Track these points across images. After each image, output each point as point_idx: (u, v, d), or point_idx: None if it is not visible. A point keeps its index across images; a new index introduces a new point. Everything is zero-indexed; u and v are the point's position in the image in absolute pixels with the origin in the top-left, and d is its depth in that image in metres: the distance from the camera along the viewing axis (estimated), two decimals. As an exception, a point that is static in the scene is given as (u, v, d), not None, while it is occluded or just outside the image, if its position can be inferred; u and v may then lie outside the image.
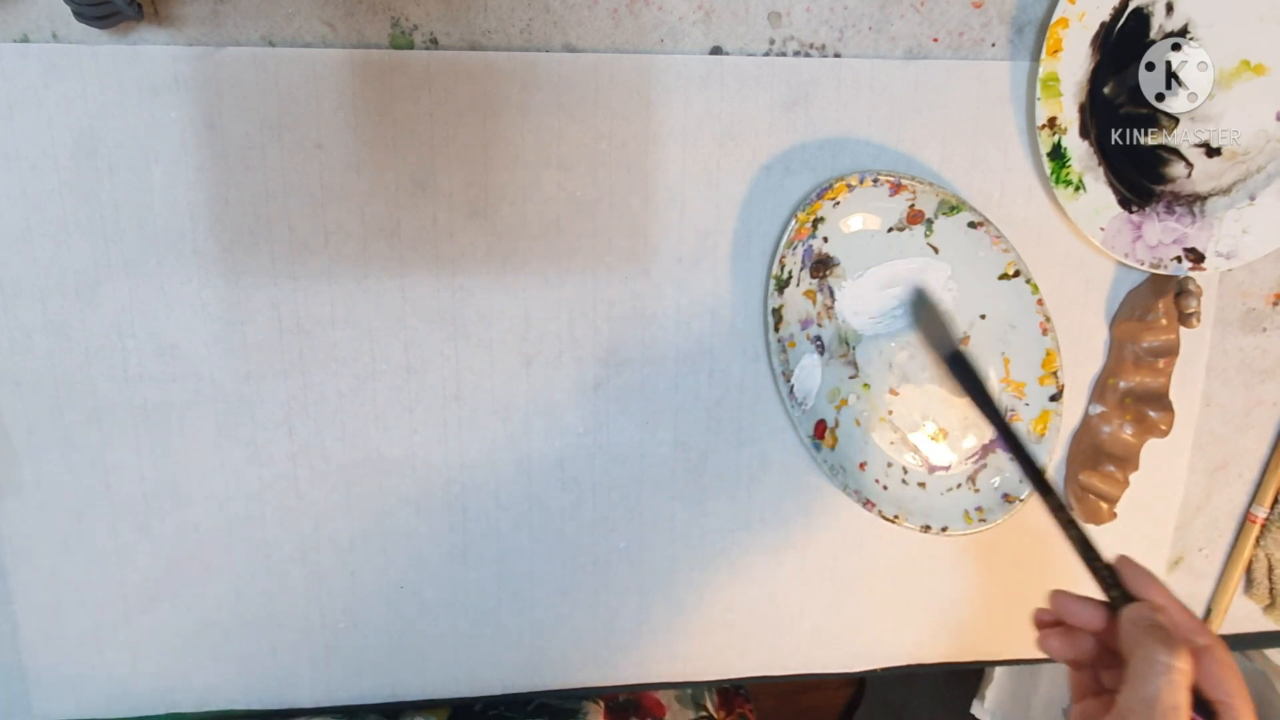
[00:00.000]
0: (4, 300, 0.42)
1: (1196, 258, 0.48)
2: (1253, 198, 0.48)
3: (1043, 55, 0.44)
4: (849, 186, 0.44)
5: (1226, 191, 0.48)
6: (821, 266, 0.47)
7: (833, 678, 0.55)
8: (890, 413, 0.50)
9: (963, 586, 0.54)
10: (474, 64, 0.42)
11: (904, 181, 0.45)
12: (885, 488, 0.49)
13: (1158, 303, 0.48)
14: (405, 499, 0.48)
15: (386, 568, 0.48)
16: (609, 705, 0.67)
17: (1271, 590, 0.57)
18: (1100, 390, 0.52)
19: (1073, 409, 0.52)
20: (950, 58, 0.46)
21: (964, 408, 0.50)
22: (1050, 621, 0.36)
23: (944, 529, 0.49)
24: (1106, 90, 0.46)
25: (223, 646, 0.49)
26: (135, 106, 0.41)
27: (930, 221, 0.47)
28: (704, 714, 0.72)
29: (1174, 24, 0.45)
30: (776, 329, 0.46)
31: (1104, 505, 0.51)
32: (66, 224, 0.42)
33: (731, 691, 0.77)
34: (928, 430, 0.50)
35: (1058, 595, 0.36)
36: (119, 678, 0.48)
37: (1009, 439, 0.40)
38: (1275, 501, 0.56)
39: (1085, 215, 0.47)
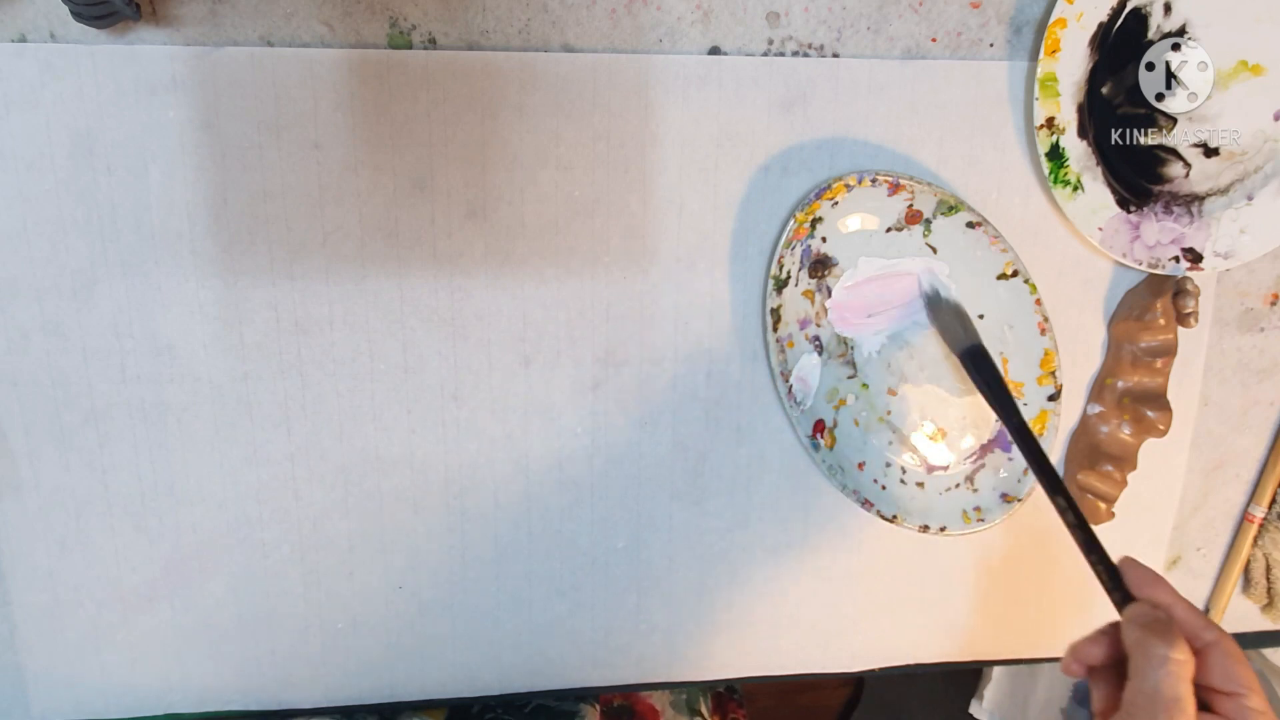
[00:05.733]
0: (1, 300, 0.42)
1: (1194, 258, 0.48)
2: (1250, 198, 0.48)
3: (1041, 55, 0.44)
4: (847, 186, 0.44)
5: (1224, 191, 0.48)
6: (820, 266, 0.47)
7: (831, 677, 0.55)
8: (889, 413, 0.50)
9: (961, 586, 0.54)
10: (472, 64, 0.42)
11: (902, 181, 0.45)
12: (884, 488, 0.49)
13: (1155, 303, 0.48)
14: (403, 499, 0.48)
15: (385, 568, 0.48)
16: (604, 710, 0.67)
17: (1269, 590, 0.57)
18: (1098, 390, 0.52)
19: (1071, 409, 0.52)
20: (948, 58, 0.46)
21: (962, 408, 0.50)
22: (1083, 671, 0.35)
23: (942, 529, 0.49)
24: (1104, 90, 0.46)
25: (221, 647, 0.48)
26: (133, 106, 0.41)
27: (928, 221, 0.47)
28: (698, 719, 0.72)
29: (1172, 24, 0.45)
30: (775, 329, 0.46)
31: (1102, 505, 0.51)
32: (63, 224, 0.42)
33: (726, 696, 0.77)
34: (926, 430, 0.50)
35: (1072, 653, 0.35)
36: (117, 678, 0.48)
37: (1024, 438, 0.40)
38: (1273, 501, 0.56)
39: (1083, 215, 0.47)
